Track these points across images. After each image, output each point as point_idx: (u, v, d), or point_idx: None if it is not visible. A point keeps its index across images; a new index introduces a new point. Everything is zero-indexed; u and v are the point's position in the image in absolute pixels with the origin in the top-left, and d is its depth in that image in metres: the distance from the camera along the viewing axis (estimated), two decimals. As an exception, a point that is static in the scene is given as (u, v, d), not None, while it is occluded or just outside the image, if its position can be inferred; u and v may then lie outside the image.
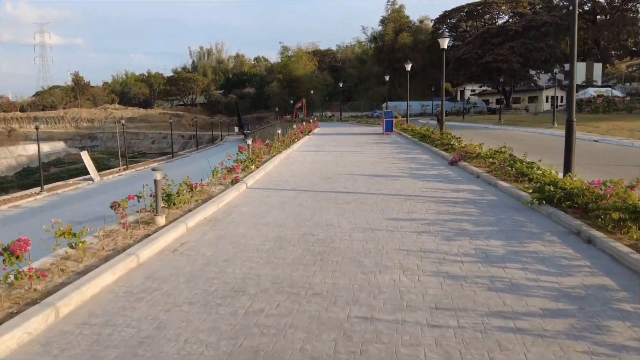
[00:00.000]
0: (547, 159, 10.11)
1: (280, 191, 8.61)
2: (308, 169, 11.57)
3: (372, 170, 11.28)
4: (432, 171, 10.93)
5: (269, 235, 5.70)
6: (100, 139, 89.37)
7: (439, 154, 13.92)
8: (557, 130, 26.18)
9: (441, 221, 6.27)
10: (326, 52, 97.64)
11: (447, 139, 15.05)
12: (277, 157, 13.37)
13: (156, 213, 6.00)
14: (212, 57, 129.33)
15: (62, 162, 62.53)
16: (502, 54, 54.85)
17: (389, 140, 20.71)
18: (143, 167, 34.23)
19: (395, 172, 10.90)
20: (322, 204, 7.45)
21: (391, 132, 24.38)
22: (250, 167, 10.52)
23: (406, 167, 11.74)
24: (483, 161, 11.03)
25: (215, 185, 8.82)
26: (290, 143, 17.98)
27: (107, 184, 26.48)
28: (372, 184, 9.18)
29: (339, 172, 10.88)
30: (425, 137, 18.15)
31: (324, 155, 14.80)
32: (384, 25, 77.03)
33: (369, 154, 14.99)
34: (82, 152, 27.24)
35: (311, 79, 67.87)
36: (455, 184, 9.13)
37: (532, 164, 9.26)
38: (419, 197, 7.91)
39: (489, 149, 11.10)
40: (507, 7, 67.91)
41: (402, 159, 13.47)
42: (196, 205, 7.08)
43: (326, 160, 13.27)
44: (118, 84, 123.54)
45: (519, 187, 8.38)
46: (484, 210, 6.91)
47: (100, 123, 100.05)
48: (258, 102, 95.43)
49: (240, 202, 7.67)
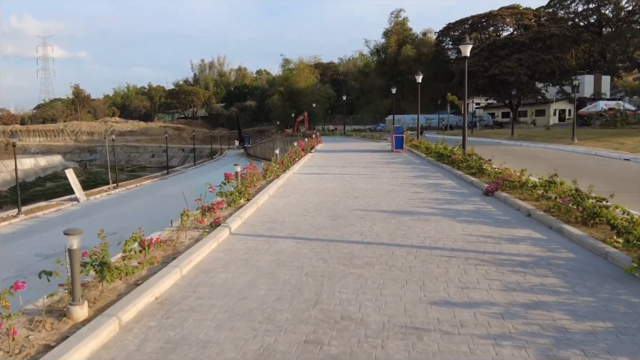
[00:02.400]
0: (599, 186, 7.98)
1: (274, 240, 6.40)
2: (311, 201, 9.37)
3: (391, 202, 9.07)
4: (467, 205, 8.71)
5: (248, 345, 3.47)
6: (99, 153, 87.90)
7: (465, 180, 11.70)
8: (578, 146, 24.06)
9: (518, 307, 4.06)
10: (328, 65, 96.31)
11: (473, 160, 12.83)
12: (274, 184, 11.17)
13: (72, 301, 3.80)
14: (214, 70, 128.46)
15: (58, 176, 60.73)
16: (509, 66, 53.07)
17: (401, 160, 18.49)
18: (135, 185, 32.14)
19: (421, 206, 8.68)
20: (332, 266, 5.22)
21: (401, 149, 22.16)
22: (238, 200, 8.32)
23: (431, 198, 9.53)
24: (529, 192, 8.82)
25: (189, 230, 6.62)
26: (290, 163, 15.81)
27: (92, 205, 24.30)
28: (396, 228, 6.97)
29: (350, 207, 8.66)
30: (443, 157, 15.96)
31: (329, 180, 12.58)
32: (387, 37, 75.66)
33: (382, 178, 12.78)
34: (67, 170, 25.12)
35: (313, 92, 66.22)
36: (506, 228, 6.92)
37: (603, 200, 7.07)
38: (467, 252, 5.69)
39: (539, 179, 8.88)
40: (511, 19, 66.39)
41: (423, 185, 11.26)
42: (149, 272, 4.87)
43: (333, 188, 11.05)
44: (119, 97, 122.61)
45: (594, 235, 6.18)
46: (570, 282, 4.69)
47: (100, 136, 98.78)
48: (259, 115, 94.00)
49: (215, 263, 5.45)
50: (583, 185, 7.91)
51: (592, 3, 64.58)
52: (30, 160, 63.82)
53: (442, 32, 76.50)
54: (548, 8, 68.54)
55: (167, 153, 43.32)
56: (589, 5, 65.29)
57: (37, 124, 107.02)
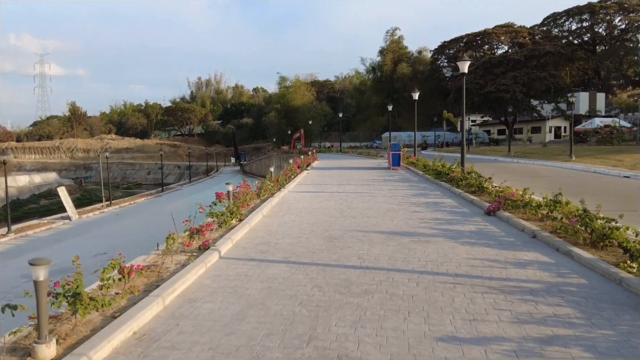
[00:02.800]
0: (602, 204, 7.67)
1: (265, 265, 6.01)
2: (306, 221, 9.00)
3: (389, 222, 8.71)
4: (468, 225, 8.36)
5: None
6: (95, 170, 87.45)
7: (465, 198, 11.38)
8: (576, 163, 23.86)
9: (532, 342, 3.68)
10: (325, 83, 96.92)
11: (473, 178, 12.52)
12: (268, 202, 10.81)
13: (38, 338, 3.40)
14: (211, 88, 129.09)
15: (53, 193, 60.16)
16: (504, 84, 53.36)
17: (398, 177, 18.19)
18: (128, 202, 31.60)
19: (421, 226, 8.33)
20: (328, 294, 4.84)
21: (398, 166, 21.90)
22: (229, 221, 7.94)
23: (431, 217, 9.18)
24: (533, 212, 8.49)
25: (175, 253, 6.23)
26: (285, 181, 15.47)
27: (83, 223, 23.77)
28: (395, 251, 6.59)
29: (347, 227, 8.30)
30: (442, 175, 15.66)
31: (325, 198, 12.22)
32: (382, 55, 76.29)
33: (379, 196, 12.43)
34: (59, 188, 24.64)
35: (309, 109, 66.32)
36: (511, 250, 6.56)
37: (612, 221, 6.75)
38: (472, 278, 5.32)
39: (544, 198, 8.54)
40: (506, 37, 67.17)
41: (422, 204, 10.92)
42: (129, 303, 4.48)
43: (329, 207, 10.69)
44: (116, 114, 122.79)
45: (606, 259, 5.84)
46: (586, 312, 4.33)
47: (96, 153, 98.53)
48: (256, 132, 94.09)
49: (202, 291, 5.05)
50: (586, 203, 7.61)
51: (586, 22, 65.50)
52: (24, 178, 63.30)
53: (437, 50, 77.26)
54: (542, 26, 69.47)
55: (162, 170, 42.84)
56: (583, 24, 66.21)
57: (33, 141, 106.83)
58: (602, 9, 62.45)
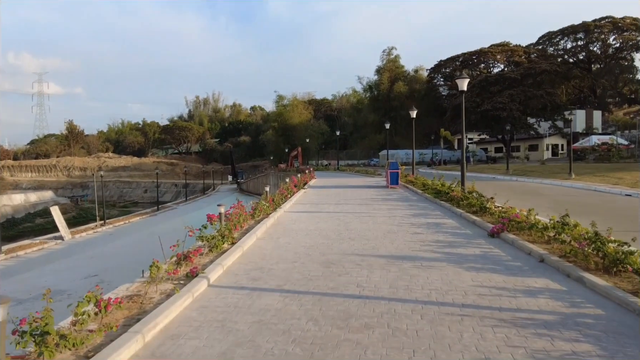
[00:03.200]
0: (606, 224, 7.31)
1: (257, 294, 5.59)
2: (302, 244, 8.60)
3: (389, 245, 8.32)
4: (472, 248, 7.97)
5: None
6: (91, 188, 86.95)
7: (467, 219, 11.01)
8: (576, 181, 23.59)
9: (553, 388, 3.29)
10: (322, 102, 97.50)
11: (474, 198, 12.18)
12: (262, 224, 10.41)
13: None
14: (209, 106, 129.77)
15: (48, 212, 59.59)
16: (501, 102, 53.56)
17: (397, 196, 17.83)
18: (123, 222, 31.12)
19: (422, 249, 7.94)
20: (324, 329, 4.43)
21: (397, 185, 21.58)
22: (221, 245, 7.54)
23: (433, 239, 8.80)
24: (539, 234, 8.12)
25: (161, 282, 5.81)
26: (281, 201, 15.10)
27: (76, 244, 23.24)
28: (397, 277, 6.19)
29: (345, 251, 7.90)
30: (442, 194, 15.33)
31: (322, 219, 11.83)
32: (379, 74, 76.91)
33: (378, 216, 12.06)
34: (51, 208, 24.16)
35: (307, 127, 66.43)
36: (520, 277, 6.17)
37: (624, 244, 6.39)
38: (481, 309, 4.92)
39: (550, 220, 8.19)
40: (502, 56, 67.77)
41: (423, 225, 10.54)
42: (106, 339, 4.06)
43: (326, 229, 10.28)
44: (114, 133, 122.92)
45: (621, 286, 5.46)
46: (607, 349, 3.93)
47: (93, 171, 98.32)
48: (254, 150, 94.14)
49: (186, 326, 4.63)
50: (588, 222, 7.26)
51: (581, 40, 66.26)
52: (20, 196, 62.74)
53: (433, 69, 77.94)
54: (537, 45, 70.24)
55: (157, 189, 42.42)
56: (578, 42, 66.98)
57: (30, 159, 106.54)
58: (596, 28, 63.25)
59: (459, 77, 14.14)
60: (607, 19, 63.81)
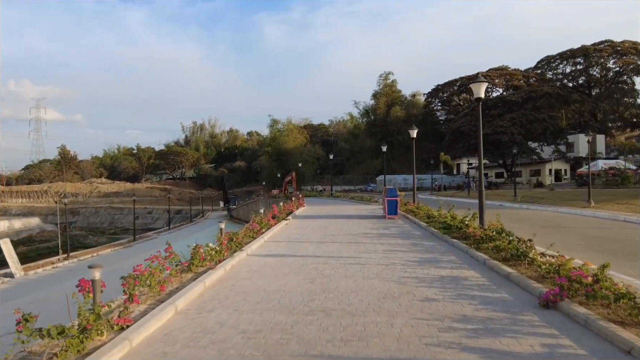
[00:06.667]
0: None
1: None
2: (243, 328, 5.39)
3: (387, 330, 5.26)
4: (524, 336, 4.82)
5: None
6: (82, 214, 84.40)
7: (496, 270, 8.01)
8: (598, 210, 20.72)
9: None
10: (319, 127, 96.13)
11: (505, 239, 9.24)
12: (199, 282, 7.47)
13: None
14: (205, 132, 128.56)
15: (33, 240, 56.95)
16: (502, 126, 51.73)
17: (396, 230, 15.07)
18: (90, 255, 28.26)
19: (443, 340, 4.87)
20: None
21: (396, 215, 18.89)
22: (82, 344, 4.61)
23: (455, 314, 5.73)
24: (628, 307, 5.18)
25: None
26: (249, 238, 12.55)
27: (27, 282, 20.41)
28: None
29: (311, 342, 4.78)
30: (452, 229, 12.67)
31: (293, 270, 8.84)
32: (376, 99, 75.70)
33: (371, 265, 9.11)
34: (1, 241, 21.43)
35: (301, 152, 64.45)
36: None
37: None
38: None
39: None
40: (500, 80, 66.45)
41: (435, 281, 7.54)
42: None
43: (293, 291, 7.20)
44: (109, 158, 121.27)
45: None
46: None
47: (85, 197, 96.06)
48: (248, 175, 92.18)
49: None
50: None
51: (580, 64, 65.04)
52: (3, 223, 60.08)
53: (430, 93, 76.73)
54: (536, 69, 69.06)
55: (134, 216, 39.79)
56: (577, 66, 65.77)
57: (23, 184, 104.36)
58: (595, 52, 62.08)
59: (476, 81, 11.56)
60: (606, 42, 62.75)
